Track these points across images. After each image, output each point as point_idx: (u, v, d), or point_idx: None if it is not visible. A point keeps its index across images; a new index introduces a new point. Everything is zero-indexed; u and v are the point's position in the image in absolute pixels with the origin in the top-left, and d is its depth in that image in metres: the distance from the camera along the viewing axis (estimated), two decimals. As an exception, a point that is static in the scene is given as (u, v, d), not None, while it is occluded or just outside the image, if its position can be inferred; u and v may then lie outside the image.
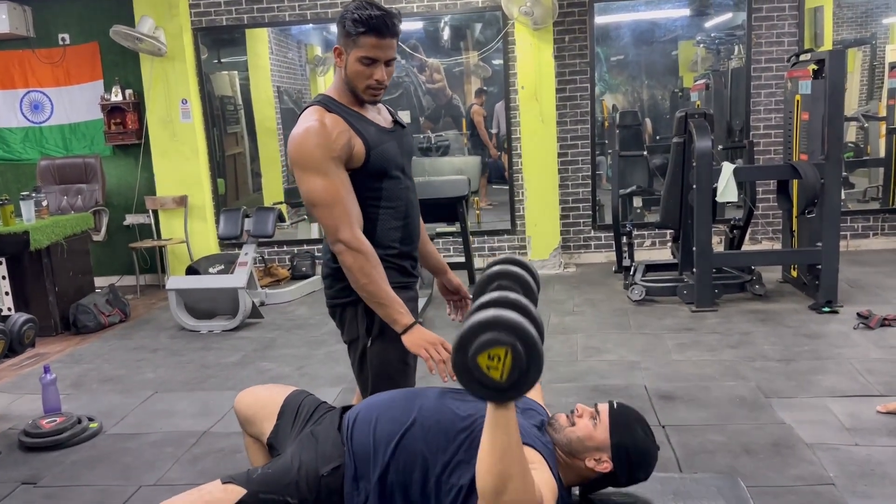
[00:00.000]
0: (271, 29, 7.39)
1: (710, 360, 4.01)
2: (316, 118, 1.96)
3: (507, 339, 1.38)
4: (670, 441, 3.06)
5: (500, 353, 1.38)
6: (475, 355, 1.39)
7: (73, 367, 4.57)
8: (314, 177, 1.94)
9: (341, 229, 1.94)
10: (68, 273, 5.45)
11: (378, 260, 1.98)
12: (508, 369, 1.39)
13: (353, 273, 1.96)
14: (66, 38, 6.71)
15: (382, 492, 1.72)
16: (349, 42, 1.96)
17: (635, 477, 1.76)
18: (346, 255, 1.95)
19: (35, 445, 3.35)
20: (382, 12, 1.93)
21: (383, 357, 2.06)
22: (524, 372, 1.40)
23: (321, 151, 1.93)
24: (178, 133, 6.50)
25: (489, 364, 1.39)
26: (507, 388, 1.41)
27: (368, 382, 2.09)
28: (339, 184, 1.95)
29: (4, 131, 6.92)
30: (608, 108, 7.81)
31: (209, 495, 1.74)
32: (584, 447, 1.72)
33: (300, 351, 4.62)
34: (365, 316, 2.06)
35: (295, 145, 1.96)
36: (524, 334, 1.39)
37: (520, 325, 1.39)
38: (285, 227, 7.01)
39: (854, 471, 2.75)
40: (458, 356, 1.41)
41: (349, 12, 1.94)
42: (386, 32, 1.94)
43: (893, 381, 3.52)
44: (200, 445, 3.30)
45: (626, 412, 1.79)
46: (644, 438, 1.76)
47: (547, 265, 6.33)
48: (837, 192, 4.67)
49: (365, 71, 1.97)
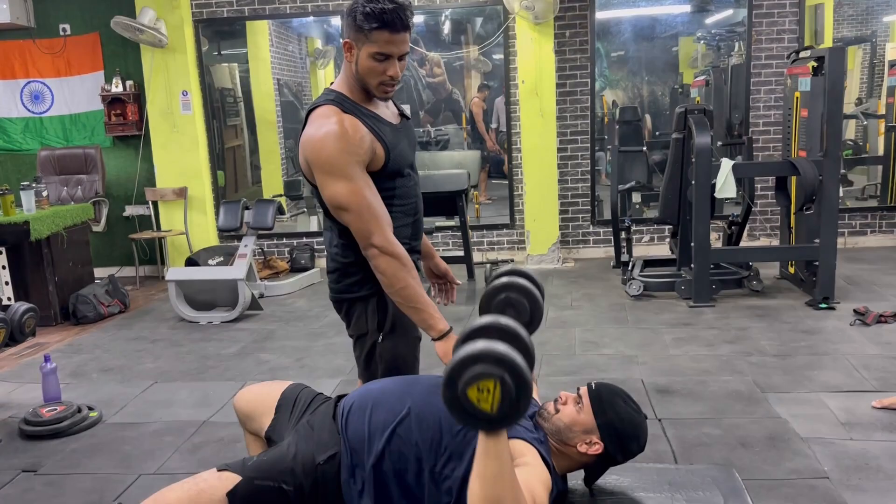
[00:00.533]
0: (272, 21, 7.39)
1: (707, 354, 4.03)
2: (335, 121, 1.89)
3: (496, 372, 1.39)
4: (666, 434, 3.08)
5: (489, 386, 1.39)
6: (465, 388, 1.40)
7: (73, 357, 4.59)
8: (339, 181, 1.88)
9: (374, 234, 1.89)
10: (68, 263, 5.47)
11: (412, 264, 1.94)
12: (498, 401, 1.40)
13: (387, 278, 1.91)
14: (66, 29, 6.70)
15: (378, 479, 1.73)
16: (360, 37, 1.88)
17: (629, 450, 1.76)
18: (379, 260, 1.90)
19: (35, 434, 3.37)
20: (395, 5, 1.84)
21: (394, 353, 2.05)
22: (514, 403, 1.41)
23: (345, 156, 1.87)
24: (178, 125, 6.51)
25: (479, 396, 1.40)
26: (497, 419, 1.42)
27: (377, 377, 2.05)
28: (365, 187, 1.90)
29: (5, 121, 6.92)
30: (608, 103, 7.82)
31: (204, 482, 1.75)
32: (572, 432, 1.74)
33: (299, 343, 4.64)
34: (376, 312, 2.03)
35: (315, 149, 1.90)
36: (512, 366, 1.40)
37: (508, 358, 1.40)
38: (284, 220, 7.02)
39: (849, 464, 2.77)
40: (448, 389, 1.42)
41: (360, 5, 1.86)
42: (399, 27, 1.86)
43: (889, 377, 3.54)
44: (200, 435, 3.33)
45: (606, 389, 1.80)
46: (627, 410, 1.77)
47: (546, 260, 6.34)
48: (835, 189, 4.68)
49: (378, 67, 1.90)
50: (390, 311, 2.02)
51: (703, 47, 7.92)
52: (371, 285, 2.02)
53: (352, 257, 2.02)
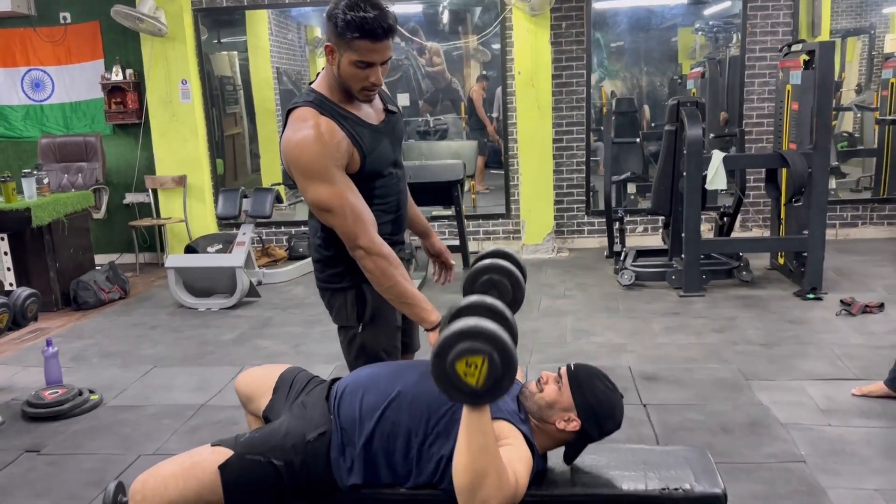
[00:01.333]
0: (271, 10, 7.43)
1: (694, 343, 4.12)
2: (311, 124, 1.91)
3: (485, 349, 1.48)
4: (651, 419, 3.17)
5: (477, 362, 1.48)
6: (453, 362, 1.48)
7: (74, 342, 4.68)
8: (319, 185, 1.91)
9: (360, 236, 1.93)
10: (69, 250, 5.55)
11: (399, 260, 1.99)
12: (485, 376, 1.49)
13: (375, 277, 1.96)
14: (67, 17, 6.76)
15: (367, 458, 1.82)
16: (342, 43, 1.87)
17: (605, 428, 1.84)
18: (366, 261, 1.95)
19: (37, 415, 3.46)
20: (376, 13, 1.84)
21: (374, 342, 2.13)
22: (499, 379, 1.49)
23: (323, 160, 1.90)
24: (177, 113, 6.57)
25: (466, 371, 1.49)
26: (482, 393, 1.51)
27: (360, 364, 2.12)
28: (346, 189, 1.93)
29: (6, 109, 6.99)
30: (607, 94, 7.87)
31: (198, 456, 1.83)
32: (552, 410, 1.82)
33: (296, 329, 4.73)
34: (356, 304, 2.10)
35: (293, 154, 1.92)
36: (501, 344, 1.48)
37: (497, 336, 1.48)
38: (283, 208, 7.08)
39: (825, 449, 2.86)
40: (437, 362, 1.50)
41: (341, 10, 1.84)
42: (381, 36, 1.86)
43: (870, 366, 3.62)
44: (198, 417, 3.42)
45: (584, 370, 1.88)
46: (604, 390, 1.85)
47: (540, 250, 6.42)
48: (824, 181, 4.76)
49: (360, 73, 1.90)
50: (369, 302, 2.09)
51: (701, 38, 7.97)
52: (350, 278, 2.08)
53: (332, 251, 2.08)
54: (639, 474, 1.90)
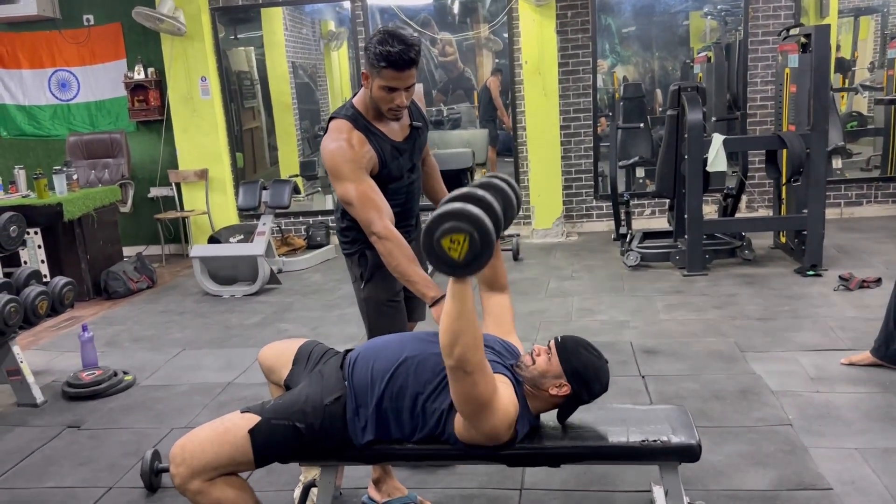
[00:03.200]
0: (285, 6, 7.64)
1: (694, 319, 4.30)
2: (345, 137, 2.34)
3: (467, 228, 1.71)
4: (648, 388, 3.37)
5: (459, 239, 1.71)
6: (439, 238, 1.72)
7: (107, 329, 4.95)
8: (347, 183, 2.33)
9: (374, 223, 2.31)
10: (98, 242, 5.82)
11: (406, 245, 2.34)
12: (465, 251, 1.72)
13: (385, 257, 2.33)
14: (90, 19, 7.02)
15: (379, 417, 2.04)
16: (373, 71, 2.29)
17: (593, 391, 2.04)
18: (379, 244, 2.32)
19: (77, 395, 3.73)
20: (402, 47, 2.22)
21: (373, 296, 2.55)
22: (478, 255, 1.72)
23: (350, 165, 2.33)
24: (198, 109, 6.82)
25: (450, 246, 1.72)
26: (463, 265, 1.74)
27: (365, 314, 2.60)
28: (368, 188, 2.35)
29: (34, 109, 7.28)
30: (619, 79, 7.98)
31: (230, 422, 2.06)
32: (545, 378, 2.02)
33: (315, 314, 4.97)
34: (358, 265, 2.54)
35: (329, 158, 2.36)
36: (480, 225, 1.71)
37: (478, 217, 1.71)
38: (301, 199, 7.33)
39: (812, 413, 3.04)
40: (426, 238, 1.74)
41: (373, 45, 2.26)
42: (404, 66, 2.24)
43: (862, 337, 3.77)
44: (225, 394, 3.67)
45: (570, 340, 2.08)
46: (589, 356, 2.05)
47: (550, 234, 6.61)
48: (822, 161, 4.90)
49: (387, 97, 2.31)
50: (369, 263, 2.51)
51: (712, 22, 8.05)
52: (356, 245, 2.54)
53: (346, 223, 2.55)
54: (622, 429, 2.10)
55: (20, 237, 3.88)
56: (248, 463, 2.01)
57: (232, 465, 2.00)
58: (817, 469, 2.61)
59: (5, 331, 3.49)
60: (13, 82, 7.25)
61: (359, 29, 6.82)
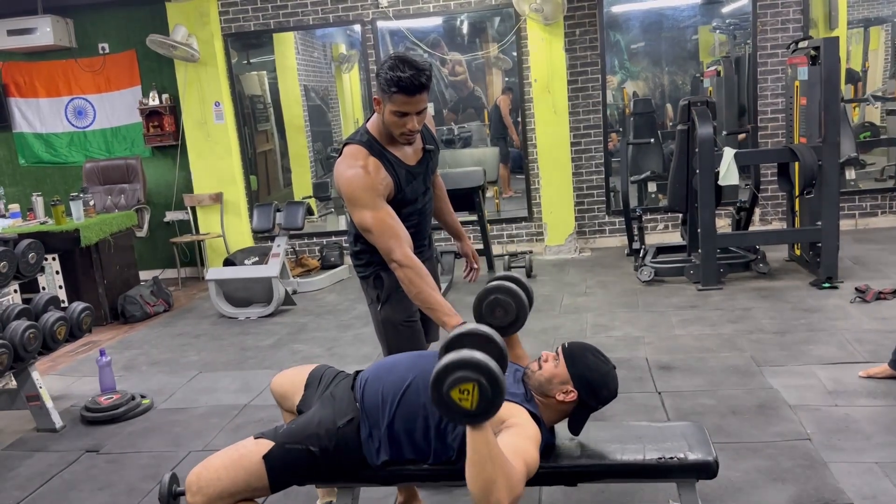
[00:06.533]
0: (297, 31, 7.74)
1: (710, 333, 4.28)
2: (361, 164, 2.34)
3: (474, 377, 1.67)
4: (664, 404, 3.36)
5: (468, 388, 1.67)
6: (448, 391, 1.68)
7: (124, 353, 4.99)
8: (364, 210, 2.34)
9: (394, 250, 2.32)
10: (115, 267, 5.89)
11: (426, 271, 2.35)
12: (477, 400, 1.68)
13: (405, 284, 2.33)
14: (105, 48, 7.15)
15: (392, 437, 2.04)
16: (385, 96, 2.30)
17: (601, 396, 2.04)
18: (399, 272, 2.33)
19: (95, 419, 3.76)
20: (412, 72, 2.23)
21: (391, 317, 2.56)
22: (490, 400, 1.68)
23: (367, 192, 2.33)
24: (212, 134, 6.91)
25: (460, 396, 1.68)
26: (476, 414, 1.70)
27: (382, 335, 2.62)
28: (385, 214, 2.35)
29: (52, 136, 7.39)
30: (629, 95, 8.01)
31: (244, 448, 2.07)
32: (552, 385, 2.03)
33: (330, 334, 4.99)
34: (374, 287, 2.57)
35: (344, 186, 2.36)
36: (488, 371, 1.67)
37: (484, 364, 1.68)
38: (314, 220, 7.38)
39: (830, 427, 3.01)
40: (435, 391, 1.70)
41: (384, 70, 2.27)
42: (415, 91, 2.26)
43: (880, 350, 3.74)
44: (242, 416, 3.68)
45: (577, 346, 2.09)
46: (596, 361, 2.05)
47: (563, 250, 6.61)
48: (835, 172, 4.88)
49: (399, 121, 2.33)
50: (385, 285, 2.53)
51: (721, 37, 8.07)
52: (371, 268, 2.56)
53: (360, 247, 2.58)
54: (639, 446, 2.10)
55: (39, 264, 3.94)
56: (264, 489, 2.02)
57: (248, 492, 2.01)
58: (837, 484, 2.59)
59: (25, 356, 3.53)
60: (31, 111, 7.37)
61: (369, 51, 6.90)
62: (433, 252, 2.80)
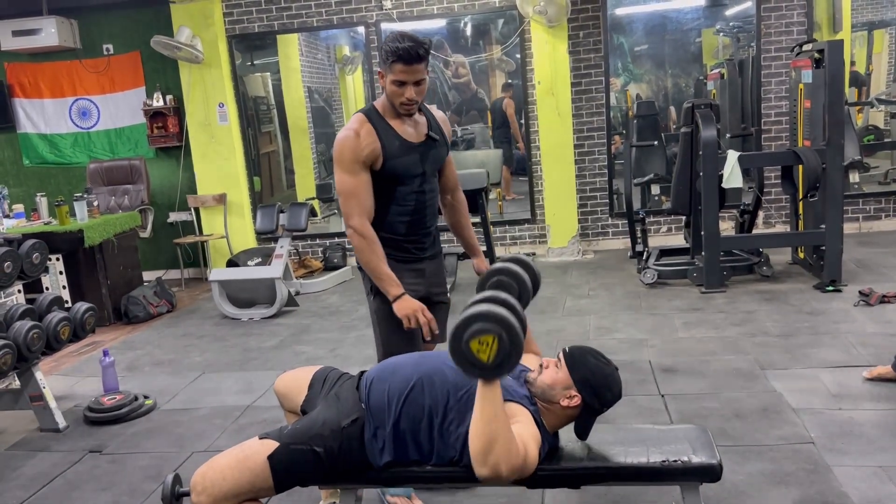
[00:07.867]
0: (301, 33, 7.75)
1: (713, 336, 4.27)
2: (354, 129, 2.47)
3: (495, 329, 1.71)
4: (668, 407, 3.35)
5: (488, 340, 1.71)
6: (468, 340, 1.72)
7: (127, 353, 5.00)
8: (343, 173, 2.48)
9: (352, 216, 2.48)
10: (119, 267, 5.89)
11: (378, 244, 2.50)
12: (494, 353, 1.72)
13: (356, 252, 2.52)
14: (110, 49, 7.16)
15: (396, 438, 2.04)
16: (386, 68, 2.43)
17: (605, 399, 2.04)
18: (353, 238, 2.50)
19: (98, 419, 3.77)
20: (410, 43, 2.37)
21: (382, 308, 2.61)
22: (507, 356, 1.72)
23: (351, 155, 2.46)
24: (215, 135, 6.91)
25: (479, 348, 1.72)
26: (492, 367, 1.73)
27: (376, 325, 2.68)
28: (360, 182, 2.48)
29: (56, 137, 7.41)
30: (632, 98, 8.01)
31: (249, 449, 2.07)
32: (554, 390, 2.02)
33: (333, 335, 4.99)
34: (368, 279, 2.64)
35: (335, 146, 2.50)
36: (509, 326, 1.72)
37: (506, 319, 1.72)
38: (318, 221, 7.38)
39: (834, 431, 3.01)
40: (454, 341, 1.73)
41: (385, 44, 2.42)
42: (412, 60, 2.38)
43: (883, 353, 3.73)
44: (245, 417, 3.69)
45: (578, 350, 2.08)
46: (597, 364, 2.05)
47: (566, 252, 6.61)
48: (839, 175, 4.87)
49: (397, 91, 2.44)
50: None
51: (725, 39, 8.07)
52: None
53: None
54: (642, 449, 2.09)
55: (42, 264, 3.94)
56: (269, 489, 2.03)
57: (252, 492, 2.01)
58: (841, 488, 2.58)
59: (28, 357, 3.54)
60: (35, 111, 7.39)
61: (373, 53, 6.90)
62: (439, 250, 2.81)
